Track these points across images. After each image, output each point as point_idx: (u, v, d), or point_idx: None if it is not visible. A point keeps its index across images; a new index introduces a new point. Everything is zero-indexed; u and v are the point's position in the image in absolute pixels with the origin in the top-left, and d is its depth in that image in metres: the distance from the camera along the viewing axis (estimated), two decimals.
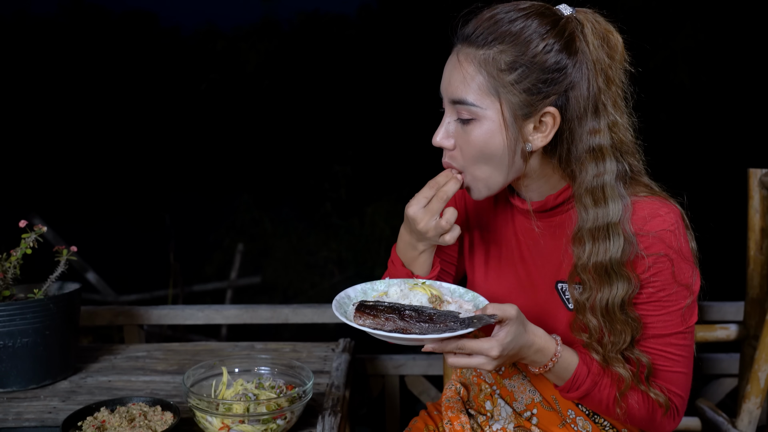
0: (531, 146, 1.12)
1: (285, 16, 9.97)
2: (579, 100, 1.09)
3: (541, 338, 1.11)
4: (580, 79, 1.09)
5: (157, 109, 10.49)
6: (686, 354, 1.17)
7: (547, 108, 1.09)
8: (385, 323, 1.05)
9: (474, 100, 1.10)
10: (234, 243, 6.14)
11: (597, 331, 1.13)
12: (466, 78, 1.10)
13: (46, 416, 1.46)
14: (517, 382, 1.31)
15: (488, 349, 1.03)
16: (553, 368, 1.13)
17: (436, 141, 1.16)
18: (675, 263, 1.12)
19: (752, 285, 1.98)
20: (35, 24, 11.60)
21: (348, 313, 1.12)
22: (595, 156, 1.10)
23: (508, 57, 1.08)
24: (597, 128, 1.10)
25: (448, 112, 1.15)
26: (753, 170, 1.95)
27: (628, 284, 1.10)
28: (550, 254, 1.23)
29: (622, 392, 1.14)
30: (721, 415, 1.88)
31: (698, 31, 6.10)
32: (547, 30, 1.09)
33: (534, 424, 1.28)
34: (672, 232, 1.11)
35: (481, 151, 1.12)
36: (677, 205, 1.15)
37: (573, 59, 1.09)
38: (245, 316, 2.16)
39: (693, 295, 1.14)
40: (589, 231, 1.11)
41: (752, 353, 1.89)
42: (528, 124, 1.11)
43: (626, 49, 1.15)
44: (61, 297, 1.59)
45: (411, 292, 1.16)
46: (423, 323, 1.04)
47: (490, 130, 1.10)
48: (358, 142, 8.05)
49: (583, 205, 1.11)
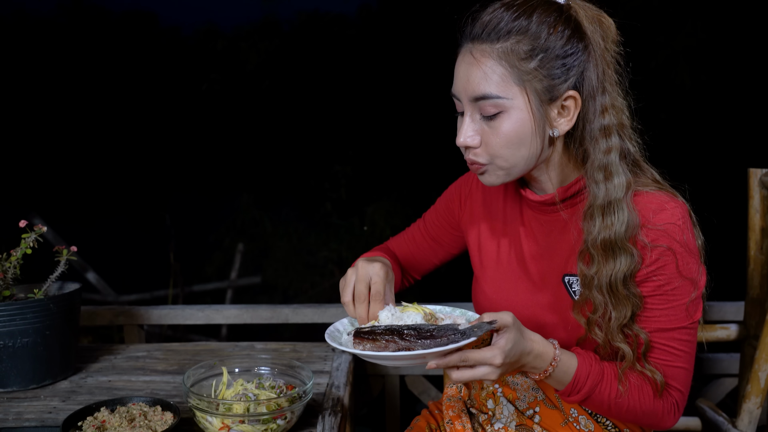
0: (558, 131, 1.15)
1: (285, 16, 9.97)
2: (592, 81, 1.13)
3: (539, 343, 1.11)
4: (591, 61, 1.13)
5: (157, 109, 10.49)
6: (688, 350, 1.17)
7: (568, 92, 1.13)
8: (386, 345, 1.03)
9: (499, 92, 1.12)
10: (234, 243, 6.14)
11: (602, 306, 1.14)
12: (486, 72, 1.12)
13: (46, 416, 1.46)
14: (520, 380, 1.31)
15: (491, 357, 1.03)
16: (554, 373, 1.13)
17: (462, 142, 1.17)
18: (680, 257, 1.13)
19: (752, 285, 1.98)
20: (35, 24, 11.60)
21: (344, 342, 1.12)
22: (605, 133, 1.14)
23: (525, 46, 1.11)
24: (606, 106, 1.14)
25: (468, 111, 1.16)
26: (753, 170, 1.95)
27: (631, 259, 1.13)
28: (558, 247, 1.24)
29: (623, 369, 1.15)
30: (721, 415, 1.88)
31: (699, 30, 6.09)
32: (554, 18, 1.13)
33: (536, 423, 1.29)
34: (678, 226, 1.13)
35: (511, 141, 1.14)
36: (684, 201, 1.17)
37: (583, 43, 1.13)
38: (245, 316, 2.16)
39: (698, 290, 1.15)
40: (600, 207, 1.13)
41: (752, 353, 1.89)
42: (552, 110, 1.14)
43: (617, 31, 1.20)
44: (61, 297, 1.59)
45: (404, 314, 1.15)
46: (425, 340, 1.02)
47: (519, 119, 1.13)
48: (358, 142, 8.05)
49: (594, 182, 1.14)
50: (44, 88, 10.36)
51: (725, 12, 6.13)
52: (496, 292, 1.31)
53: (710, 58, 6.17)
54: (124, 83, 10.64)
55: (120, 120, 10.43)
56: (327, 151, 8.08)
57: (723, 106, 6.17)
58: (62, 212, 7.53)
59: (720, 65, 6.20)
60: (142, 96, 10.54)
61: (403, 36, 7.99)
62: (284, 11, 9.94)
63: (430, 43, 5.75)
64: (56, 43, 11.07)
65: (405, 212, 6.61)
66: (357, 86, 8.56)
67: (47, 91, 10.37)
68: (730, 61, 6.21)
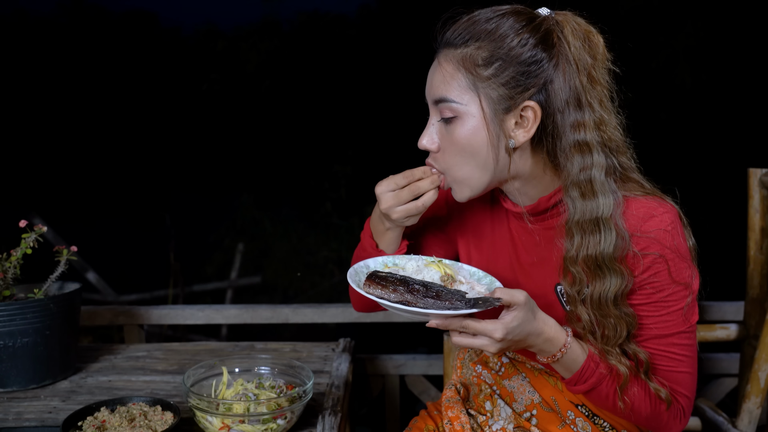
0: (514, 142, 1.12)
1: (286, 16, 9.97)
2: (559, 94, 1.10)
3: (552, 328, 1.11)
4: (559, 73, 1.10)
5: (157, 109, 10.48)
6: (689, 353, 1.17)
7: (526, 102, 1.10)
8: (392, 294, 1.06)
9: (454, 96, 1.11)
10: (234, 243, 6.14)
11: (588, 324, 1.14)
12: (446, 77, 1.12)
13: (46, 416, 1.46)
14: (516, 382, 1.30)
15: (492, 330, 1.03)
16: (562, 359, 1.13)
17: (421, 144, 1.18)
18: (672, 263, 1.12)
19: (752, 285, 1.98)
20: (35, 23, 11.59)
21: (360, 281, 1.13)
22: (581, 150, 1.11)
23: (484, 52, 1.10)
24: (581, 122, 1.11)
25: (432, 114, 1.17)
26: (753, 170, 1.95)
27: (621, 279, 1.11)
28: (548, 257, 1.23)
29: (621, 387, 1.14)
30: (721, 414, 1.88)
31: (699, 30, 6.09)
32: (522, 26, 1.10)
33: (534, 425, 1.28)
34: (668, 232, 1.11)
35: (464, 149, 1.13)
36: (673, 203, 1.15)
37: (549, 53, 1.10)
38: (245, 316, 2.16)
39: (693, 294, 1.15)
40: (577, 223, 1.11)
41: (752, 353, 1.90)
42: (509, 120, 1.11)
43: (609, 49, 1.16)
44: (61, 297, 1.59)
45: (426, 269, 1.18)
46: (429, 298, 1.05)
47: (472, 126, 1.11)
48: (358, 142, 8.05)
49: (570, 198, 1.12)
50: (44, 88, 10.36)
51: (726, 12, 6.13)
52: None
53: (711, 57, 6.17)
54: (124, 83, 10.64)
55: (120, 120, 10.43)
56: (327, 151, 8.08)
57: (723, 106, 6.17)
58: (62, 212, 7.53)
59: (720, 65, 6.20)
60: (143, 96, 10.53)
61: (402, 36, 7.99)
62: (284, 11, 9.93)
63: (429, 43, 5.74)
64: (56, 43, 11.06)
65: None
66: (357, 86, 8.56)
67: (47, 91, 10.36)
68: (730, 61, 6.21)
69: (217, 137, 9.70)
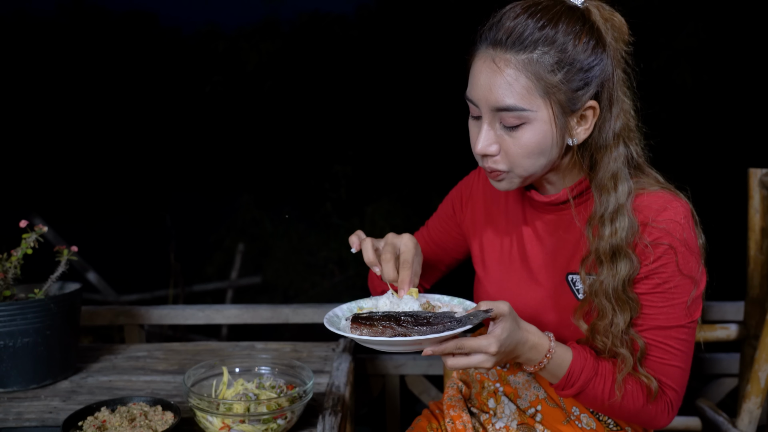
0: (576, 140, 1.16)
1: (286, 17, 9.97)
2: (609, 90, 1.14)
3: (534, 335, 1.12)
4: (609, 69, 1.13)
5: (158, 109, 10.49)
6: (685, 349, 1.17)
7: (588, 102, 1.13)
8: (383, 331, 1.05)
9: (523, 104, 1.10)
10: (234, 243, 6.13)
11: (610, 312, 1.14)
12: (510, 83, 1.10)
13: (46, 416, 1.46)
14: (521, 378, 1.31)
15: (486, 345, 1.03)
16: (548, 365, 1.14)
17: (480, 150, 1.16)
18: (681, 255, 1.13)
19: (752, 285, 1.98)
20: (35, 24, 11.60)
21: (342, 327, 1.12)
22: (616, 142, 1.15)
23: (551, 58, 1.09)
24: (618, 114, 1.15)
25: (487, 120, 1.14)
26: (753, 170, 1.96)
27: (630, 264, 1.13)
28: (561, 247, 1.24)
29: (622, 374, 1.15)
30: (721, 414, 1.88)
31: (700, 30, 6.09)
32: (579, 28, 1.11)
33: (538, 421, 1.29)
34: (680, 224, 1.13)
35: (532, 152, 1.13)
36: (687, 200, 1.17)
37: (604, 52, 1.13)
38: (246, 316, 2.16)
39: (699, 289, 1.15)
40: (610, 215, 1.14)
41: (752, 353, 1.90)
42: (573, 119, 1.14)
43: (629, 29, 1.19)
44: (61, 297, 1.59)
45: (401, 301, 1.16)
46: (421, 326, 1.04)
47: (541, 131, 1.12)
48: (358, 142, 8.05)
49: (606, 191, 1.14)
50: (45, 88, 10.36)
51: (726, 12, 6.12)
52: (499, 291, 1.31)
53: (711, 58, 6.17)
54: (124, 84, 10.64)
55: (121, 120, 10.43)
56: (327, 151, 8.08)
57: (724, 106, 6.16)
58: (62, 212, 7.53)
59: (721, 65, 6.20)
60: (143, 96, 10.53)
61: (401, 36, 8.00)
62: (285, 12, 9.93)
63: (429, 43, 5.75)
64: (57, 43, 11.07)
65: (405, 212, 6.61)
66: (357, 86, 8.56)
67: (48, 91, 10.37)
68: (731, 61, 6.21)
69: (217, 137, 9.71)
